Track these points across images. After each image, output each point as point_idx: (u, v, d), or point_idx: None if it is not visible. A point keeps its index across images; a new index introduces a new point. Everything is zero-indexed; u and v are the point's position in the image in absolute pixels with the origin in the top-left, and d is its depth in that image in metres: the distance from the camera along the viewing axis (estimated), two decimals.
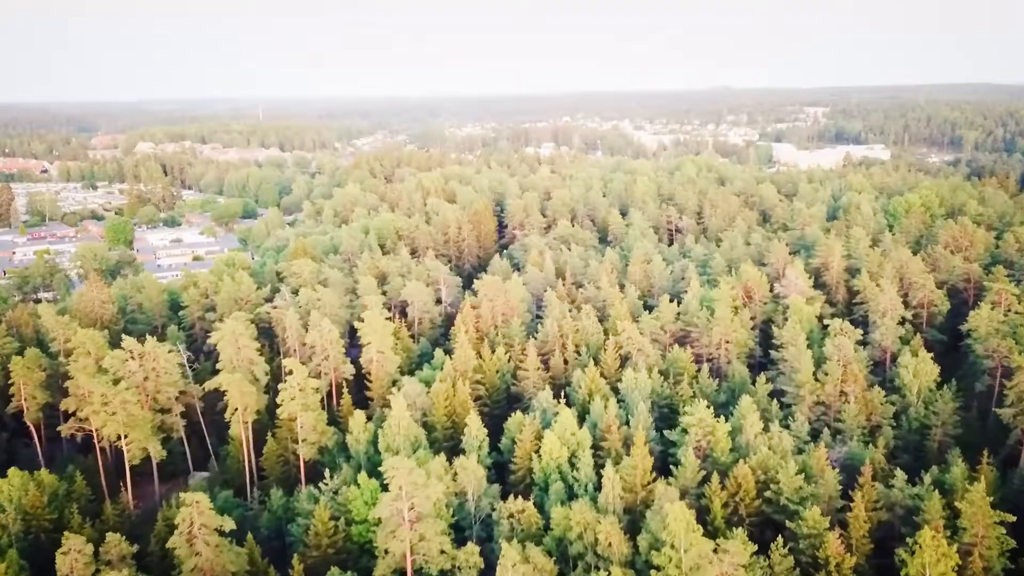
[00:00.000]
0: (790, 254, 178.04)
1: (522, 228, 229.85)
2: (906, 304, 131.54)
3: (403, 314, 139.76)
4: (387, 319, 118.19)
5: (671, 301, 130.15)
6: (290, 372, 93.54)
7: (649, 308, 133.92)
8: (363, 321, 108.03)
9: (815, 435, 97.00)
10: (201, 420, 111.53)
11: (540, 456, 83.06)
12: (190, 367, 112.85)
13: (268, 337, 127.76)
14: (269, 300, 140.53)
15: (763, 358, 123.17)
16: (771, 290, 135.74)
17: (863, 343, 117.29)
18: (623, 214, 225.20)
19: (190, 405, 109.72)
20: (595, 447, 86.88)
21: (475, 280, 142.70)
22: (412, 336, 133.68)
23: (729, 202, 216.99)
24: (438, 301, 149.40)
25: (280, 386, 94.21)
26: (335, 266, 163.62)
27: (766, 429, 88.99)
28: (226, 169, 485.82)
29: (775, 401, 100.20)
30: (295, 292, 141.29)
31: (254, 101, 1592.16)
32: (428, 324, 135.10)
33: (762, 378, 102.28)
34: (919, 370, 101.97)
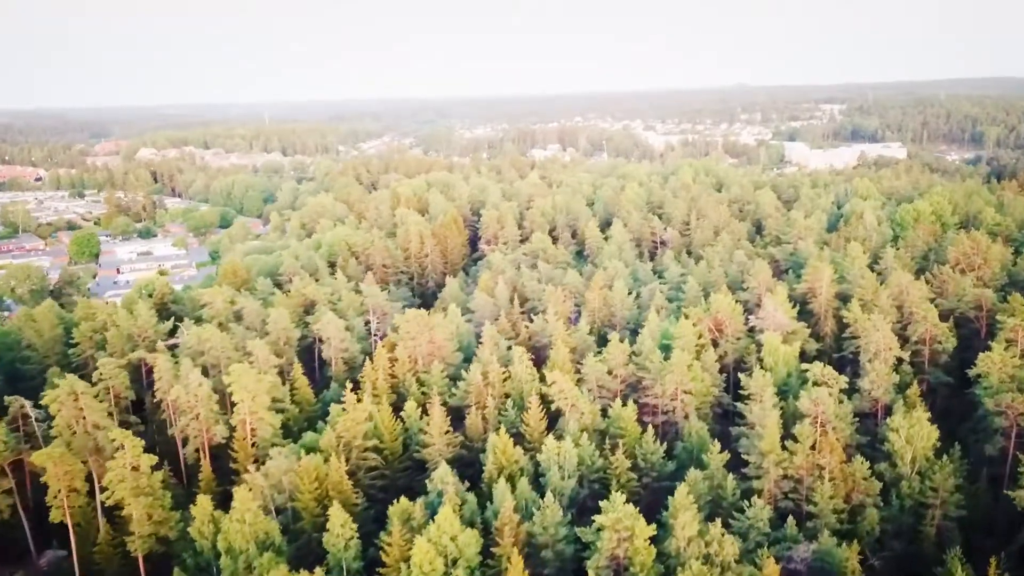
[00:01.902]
0: (782, 272, 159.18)
1: (495, 241, 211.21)
2: (905, 339, 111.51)
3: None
4: (275, 367, 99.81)
5: (624, 338, 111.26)
6: (120, 447, 75.17)
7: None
8: (230, 374, 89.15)
9: (782, 519, 77.74)
10: None
11: (410, 567, 64.08)
12: (43, 424, 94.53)
13: None
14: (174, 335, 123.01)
15: (733, 406, 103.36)
16: (746, 323, 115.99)
17: (850, 391, 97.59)
18: (608, 225, 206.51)
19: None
20: (487, 553, 67.86)
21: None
22: (328, 380, 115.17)
23: (718, 212, 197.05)
24: (372, 334, 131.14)
25: (108, 464, 75.82)
26: (264, 293, 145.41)
27: (710, 520, 69.37)
28: (215, 176, 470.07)
29: (732, 476, 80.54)
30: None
31: (268, 104, 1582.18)
32: (344, 367, 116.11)
33: (716, 447, 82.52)
34: (913, 435, 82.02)
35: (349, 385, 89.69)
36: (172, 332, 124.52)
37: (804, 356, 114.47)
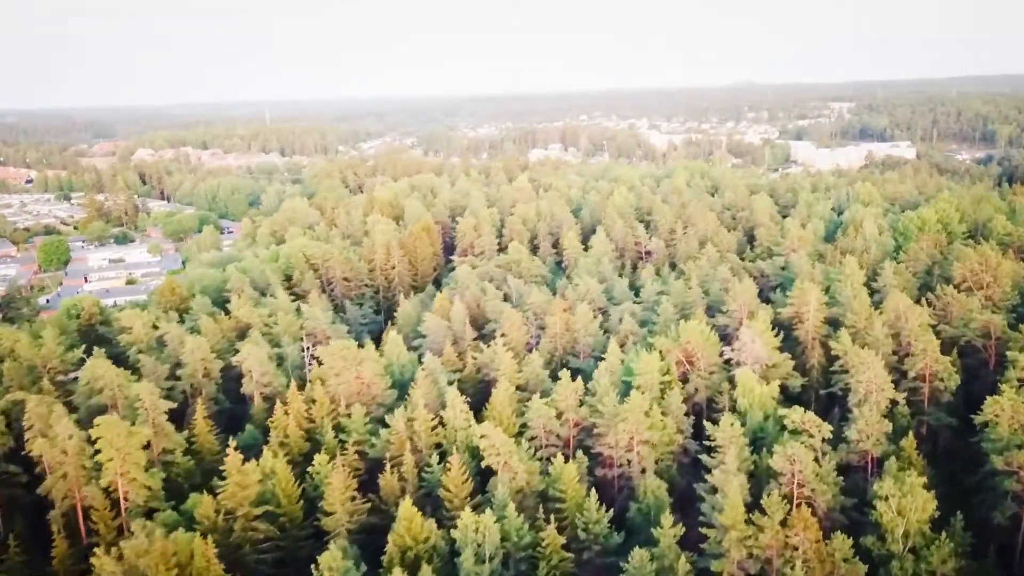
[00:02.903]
0: (773, 288, 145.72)
1: (470, 251, 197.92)
2: (903, 373, 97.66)
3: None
4: (168, 413, 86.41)
5: (590, 370, 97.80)
6: None
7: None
8: (96, 427, 75.71)
9: None
10: None
11: None
12: None
13: None
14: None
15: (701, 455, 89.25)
16: (721, 354, 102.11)
17: (837, 439, 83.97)
18: (591, 233, 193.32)
19: None
20: None
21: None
22: (247, 422, 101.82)
23: (706, 220, 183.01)
24: (308, 365, 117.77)
25: None
26: (199, 313, 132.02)
27: None
28: (204, 177, 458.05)
29: (685, 556, 66.91)
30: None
31: (275, 104, 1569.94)
32: (264, 405, 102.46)
33: (668, 519, 68.78)
34: (907, 505, 68.24)
35: (233, 442, 75.96)
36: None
37: (787, 392, 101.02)
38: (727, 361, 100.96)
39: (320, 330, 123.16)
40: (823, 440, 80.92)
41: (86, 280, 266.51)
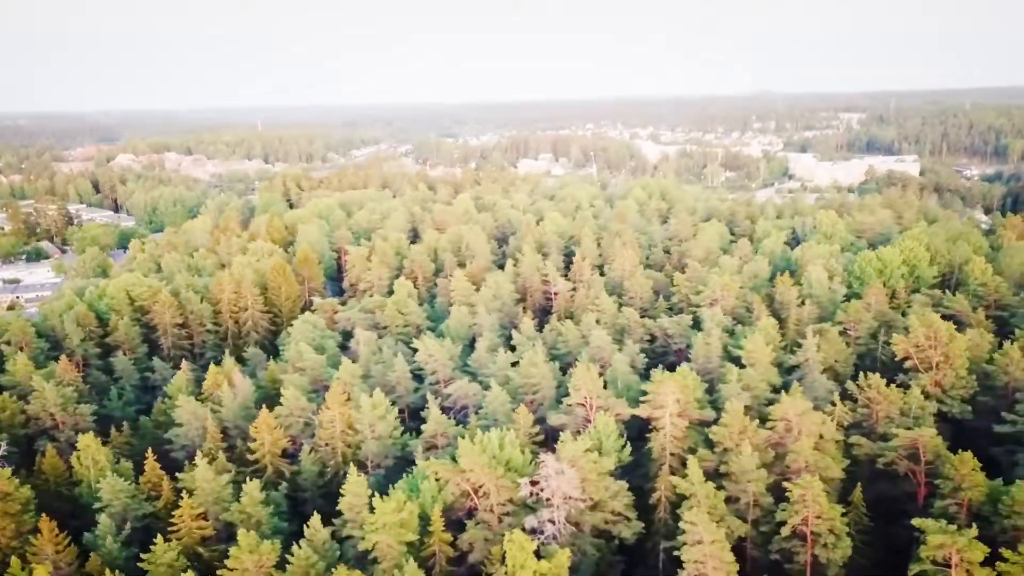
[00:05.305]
0: (677, 355, 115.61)
1: (356, 287, 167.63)
2: (779, 525, 66.00)
3: None
4: None
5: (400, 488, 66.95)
6: None
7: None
8: None
9: None
10: None
11: None
12: None
13: None
14: None
15: None
16: (519, 487, 70.30)
17: None
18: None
19: None
20: None
21: None
22: None
23: (624, 257, 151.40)
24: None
25: None
26: None
27: None
28: (152, 187, 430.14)
29: None
30: None
31: (286, 109, 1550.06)
32: None
33: None
34: None
35: None
36: None
37: (621, 544, 69.84)
38: (532, 496, 69.43)
39: (50, 413, 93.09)
40: None
41: None
